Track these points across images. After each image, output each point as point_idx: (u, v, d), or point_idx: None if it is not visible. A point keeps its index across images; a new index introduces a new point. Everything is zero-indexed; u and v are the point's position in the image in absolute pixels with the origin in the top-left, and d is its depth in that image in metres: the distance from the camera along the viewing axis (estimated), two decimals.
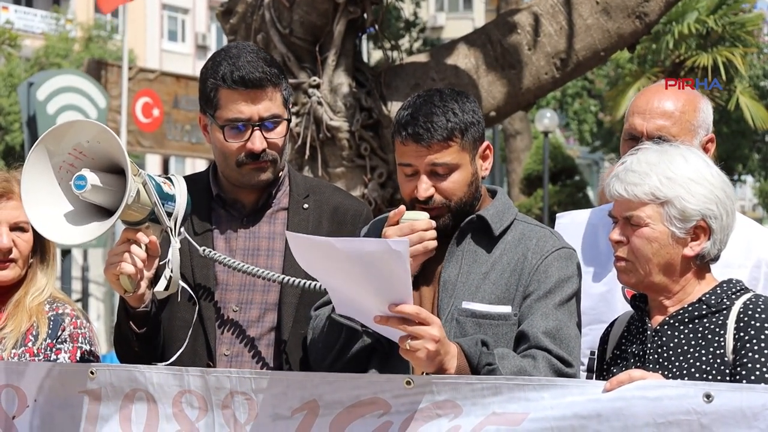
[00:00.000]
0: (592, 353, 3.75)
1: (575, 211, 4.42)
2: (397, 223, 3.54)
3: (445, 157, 3.55)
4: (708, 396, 3.00)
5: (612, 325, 3.68)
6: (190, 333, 3.76)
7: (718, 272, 3.48)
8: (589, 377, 3.65)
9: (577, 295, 3.62)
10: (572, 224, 4.24)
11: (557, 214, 4.45)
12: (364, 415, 3.31)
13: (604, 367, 3.58)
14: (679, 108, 3.98)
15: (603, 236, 4.15)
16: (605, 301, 4.01)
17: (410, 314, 3.23)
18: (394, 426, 3.28)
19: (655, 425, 3.04)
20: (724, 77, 25.79)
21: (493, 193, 3.75)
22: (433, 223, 3.54)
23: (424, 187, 3.56)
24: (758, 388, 3.05)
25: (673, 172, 3.36)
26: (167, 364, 3.63)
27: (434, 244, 3.54)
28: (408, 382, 3.26)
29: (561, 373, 3.42)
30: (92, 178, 3.47)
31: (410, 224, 3.52)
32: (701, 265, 3.43)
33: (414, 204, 3.59)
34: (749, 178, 50.50)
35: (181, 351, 3.72)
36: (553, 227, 3.99)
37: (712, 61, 25.68)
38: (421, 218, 3.53)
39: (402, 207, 3.56)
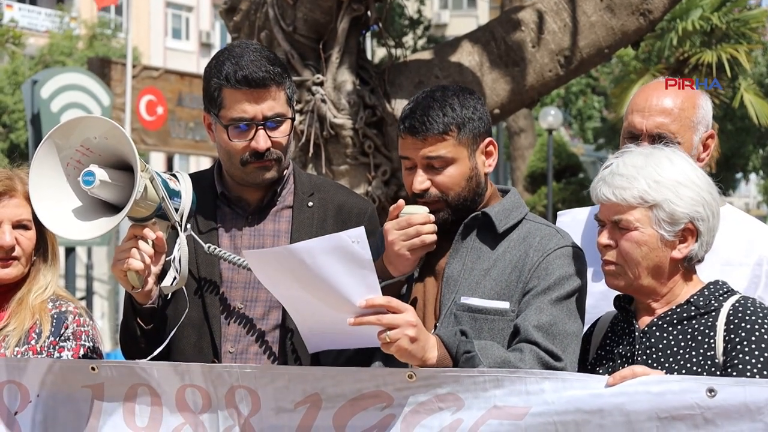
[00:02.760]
0: None
1: (576, 209, 4.42)
2: (397, 217, 3.57)
3: (440, 150, 3.58)
4: (711, 391, 3.02)
5: (594, 325, 3.69)
6: (174, 331, 3.75)
7: (719, 270, 3.49)
8: None
9: (580, 293, 3.62)
10: (573, 222, 4.23)
11: (558, 212, 4.45)
12: (367, 408, 3.33)
13: (588, 367, 3.58)
14: (678, 105, 3.98)
15: None
16: (606, 299, 3.99)
17: (381, 305, 3.26)
18: (396, 419, 3.30)
19: (658, 420, 3.06)
20: (728, 74, 25.75)
21: (505, 193, 3.78)
22: (432, 217, 3.58)
23: (419, 180, 3.60)
24: (762, 382, 3.08)
25: (660, 175, 3.38)
26: (152, 357, 3.64)
27: (432, 237, 3.57)
28: (410, 376, 3.28)
29: (549, 367, 3.42)
30: (100, 173, 3.49)
31: (408, 218, 3.56)
32: (688, 266, 3.44)
33: (415, 198, 3.63)
34: (753, 176, 50.43)
35: (164, 345, 3.70)
36: None
37: (716, 59, 25.63)
38: (419, 212, 3.56)
39: (401, 201, 3.60)
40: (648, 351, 3.38)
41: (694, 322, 3.37)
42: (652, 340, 3.39)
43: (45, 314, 3.92)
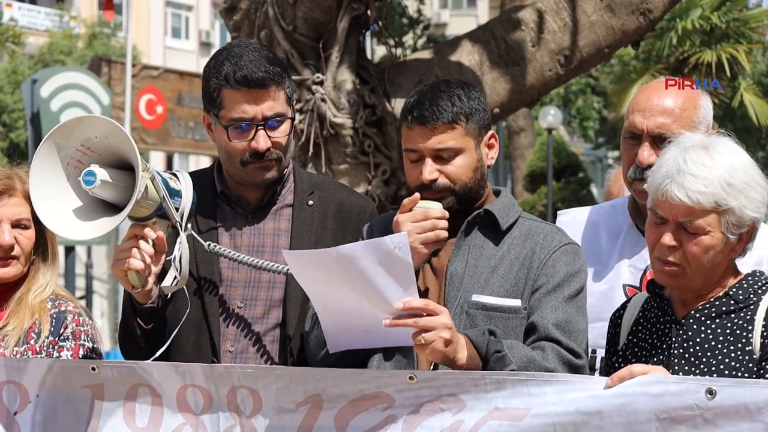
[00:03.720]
0: (593, 351, 3.75)
1: (576, 208, 4.42)
2: (410, 210, 3.57)
3: (449, 140, 3.60)
4: (710, 392, 3.01)
5: (623, 308, 3.65)
6: (176, 331, 3.75)
7: None
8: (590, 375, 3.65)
9: (583, 290, 3.65)
10: (573, 222, 4.23)
11: (558, 212, 4.45)
12: (368, 409, 3.33)
13: (618, 352, 3.57)
14: (679, 105, 3.97)
15: (604, 234, 4.14)
16: (606, 298, 4.00)
17: (419, 308, 3.27)
18: (397, 420, 3.29)
19: (658, 421, 3.05)
20: (728, 74, 25.76)
21: (497, 193, 3.79)
22: (447, 213, 3.58)
23: (429, 170, 3.61)
24: (761, 383, 3.07)
25: (732, 176, 3.29)
26: (158, 359, 3.63)
27: (446, 233, 3.58)
28: (411, 377, 3.28)
29: (571, 364, 3.45)
30: (101, 173, 3.49)
31: (424, 211, 3.56)
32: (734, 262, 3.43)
33: (418, 191, 3.63)
34: None
35: (166, 345, 3.70)
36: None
37: (716, 58, 25.65)
38: (435, 207, 3.57)
39: (416, 195, 3.60)
40: (685, 344, 3.35)
41: (732, 316, 3.34)
42: (689, 333, 3.36)
43: (44, 314, 3.91)
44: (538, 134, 33.51)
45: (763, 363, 3.23)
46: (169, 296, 3.77)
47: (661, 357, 3.38)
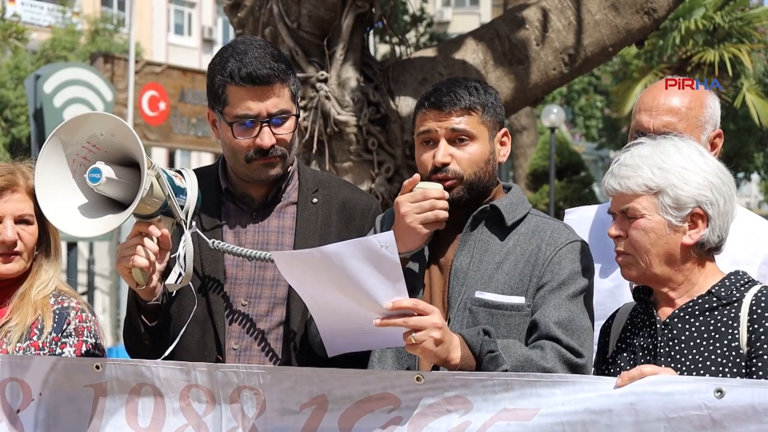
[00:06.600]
0: None
1: (584, 207, 4.43)
2: (410, 191, 3.58)
3: (465, 124, 3.61)
4: (719, 391, 3.02)
5: (613, 317, 3.69)
6: (184, 329, 3.73)
7: (726, 269, 3.47)
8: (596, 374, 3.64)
9: (590, 288, 3.64)
10: (581, 220, 4.24)
11: (566, 210, 4.45)
12: (374, 410, 3.32)
13: (608, 359, 3.58)
14: (686, 104, 3.98)
15: None
16: (613, 296, 4.01)
17: (408, 307, 3.26)
18: (403, 421, 3.28)
19: (667, 420, 3.05)
20: (730, 73, 25.74)
21: (507, 189, 3.80)
22: (446, 194, 3.59)
23: (443, 152, 3.62)
24: None
25: (664, 162, 3.38)
26: (165, 357, 3.62)
27: (445, 214, 3.58)
28: (418, 378, 3.27)
29: (570, 363, 3.44)
30: (107, 170, 3.48)
31: (423, 191, 3.57)
32: (702, 253, 3.43)
33: (429, 177, 3.63)
34: (755, 176, 50.45)
35: (175, 343, 3.69)
36: None
37: (718, 58, 25.63)
38: (434, 187, 3.56)
39: (416, 176, 3.61)
40: (670, 343, 3.37)
41: (716, 313, 3.35)
42: (674, 332, 3.38)
43: (47, 310, 3.90)
44: (541, 133, 33.54)
45: (754, 359, 3.24)
46: (173, 294, 3.76)
47: (648, 358, 3.39)
